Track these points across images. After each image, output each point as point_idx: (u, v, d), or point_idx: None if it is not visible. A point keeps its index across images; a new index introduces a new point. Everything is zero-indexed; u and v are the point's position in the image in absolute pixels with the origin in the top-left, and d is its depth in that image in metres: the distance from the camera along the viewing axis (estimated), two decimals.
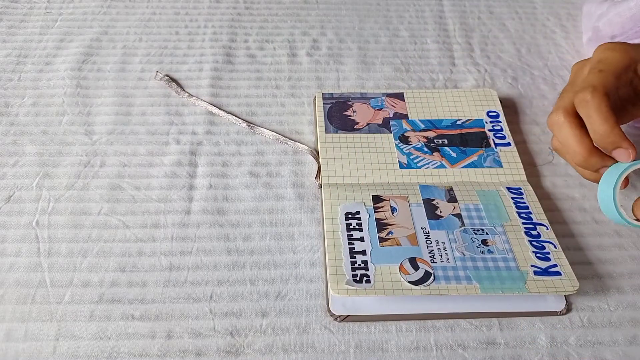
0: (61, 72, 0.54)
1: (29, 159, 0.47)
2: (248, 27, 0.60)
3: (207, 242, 0.42)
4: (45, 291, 0.39)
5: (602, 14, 0.53)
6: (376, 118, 0.50)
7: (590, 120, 0.38)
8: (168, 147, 0.48)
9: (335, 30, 0.60)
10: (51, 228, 0.42)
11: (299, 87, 0.54)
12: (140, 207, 0.44)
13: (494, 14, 0.63)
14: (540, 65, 0.57)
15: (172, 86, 0.53)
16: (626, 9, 0.50)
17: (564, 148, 0.40)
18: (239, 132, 0.50)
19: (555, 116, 0.40)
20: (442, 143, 0.48)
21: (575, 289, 0.37)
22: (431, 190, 0.44)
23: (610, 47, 0.41)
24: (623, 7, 0.50)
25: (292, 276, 0.40)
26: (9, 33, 0.58)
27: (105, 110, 0.51)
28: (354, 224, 0.41)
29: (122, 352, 0.36)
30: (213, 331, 0.37)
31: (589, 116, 0.38)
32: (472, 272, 0.38)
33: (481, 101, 0.51)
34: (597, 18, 0.54)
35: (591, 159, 0.39)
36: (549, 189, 0.46)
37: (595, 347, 0.37)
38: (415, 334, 0.37)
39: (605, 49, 0.41)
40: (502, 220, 0.42)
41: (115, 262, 0.40)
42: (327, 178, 0.45)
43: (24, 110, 0.50)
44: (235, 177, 0.46)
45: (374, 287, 0.37)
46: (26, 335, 0.36)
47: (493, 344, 0.37)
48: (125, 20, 0.60)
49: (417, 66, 0.57)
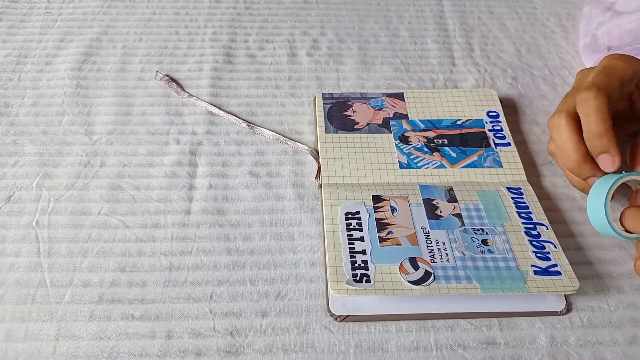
0: (61, 72, 0.54)
1: (29, 159, 0.47)
2: (248, 27, 0.60)
3: (207, 242, 0.42)
4: (45, 291, 0.39)
5: (602, 22, 0.53)
6: (376, 118, 0.50)
7: (588, 119, 0.37)
8: (168, 147, 0.48)
9: (335, 30, 0.60)
10: (51, 228, 0.42)
11: (299, 87, 0.54)
12: (140, 207, 0.44)
13: (494, 14, 0.63)
14: (540, 65, 0.57)
15: (172, 86, 0.53)
16: (626, 22, 0.50)
17: (560, 151, 0.40)
18: (239, 132, 0.50)
19: (557, 118, 0.40)
20: (442, 143, 0.48)
21: (576, 289, 0.37)
22: (431, 190, 0.44)
23: (617, 57, 0.41)
24: (624, 19, 0.50)
25: (292, 276, 0.40)
26: (9, 33, 0.58)
27: (105, 110, 0.51)
28: (354, 224, 0.41)
29: (122, 352, 0.36)
30: (213, 331, 0.37)
31: (588, 115, 0.37)
32: (472, 272, 0.38)
33: (481, 101, 0.51)
34: (597, 25, 0.53)
35: (584, 166, 0.38)
36: (549, 189, 0.46)
37: (595, 347, 0.37)
38: (415, 334, 0.37)
39: (612, 58, 0.41)
40: (502, 220, 0.42)
41: (115, 262, 0.40)
42: (327, 178, 0.45)
43: (24, 110, 0.50)
44: (235, 177, 0.46)
45: (374, 287, 0.37)
46: (26, 335, 0.36)
47: (493, 344, 0.37)
48: (125, 20, 0.60)
49: (417, 66, 0.57)
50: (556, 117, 0.40)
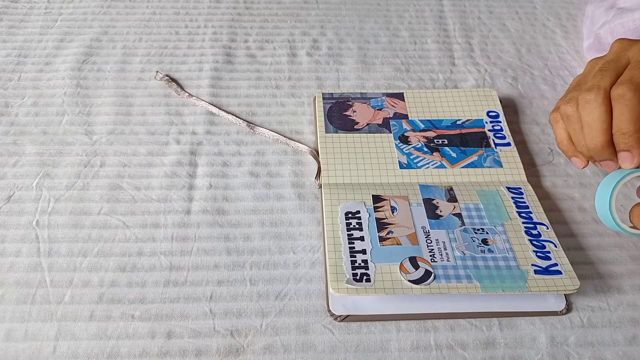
0: (61, 72, 0.54)
1: (29, 159, 0.47)
2: (248, 27, 0.60)
3: (207, 242, 0.42)
4: (45, 291, 0.39)
5: (606, 21, 0.52)
6: (376, 118, 0.50)
7: (621, 117, 0.37)
8: (168, 147, 0.48)
9: (335, 30, 0.60)
10: (51, 228, 0.42)
11: (299, 87, 0.54)
12: (140, 207, 0.44)
13: (494, 14, 0.63)
14: (540, 65, 0.57)
15: (172, 86, 0.53)
16: (630, 21, 0.49)
17: (586, 127, 0.39)
18: (239, 132, 0.50)
19: (594, 93, 0.38)
20: (442, 143, 0.48)
21: (576, 288, 0.37)
22: (431, 190, 0.44)
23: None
24: (627, 17, 0.50)
25: (292, 276, 0.40)
26: (9, 33, 0.58)
27: (105, 110, 0.51)
28: (354, 224, 0.41)
29: (122, 352, 0.36)
30: (213, 331, 0.37)
31: (622, 113, 0.37)
32: (473, 271, 0.38)
33: (481, 101, 0.51)
34: (600, 25, 0.53)
35: (605, 150, 0.38)
36: (549, 189, 0.46)
37: (595, 347, 0.37)
38: (415, 334, 0.37)
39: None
40: (503, 219, 0.42)
41: (115, 262, 0.40)
42: (327, 178, 0.45)
43: (24, 110, 0.50)
44: (235, 177, 0.46)
45: (374, 286, 0.37)
46: (26, 335, 0.36)
47: (493, 344, 0.37)
48: (125, 20, 0.60)
49: (417, 66, 0.57)
50: (594, 92, 0.38)
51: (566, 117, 0.41)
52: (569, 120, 0.41)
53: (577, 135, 0.41)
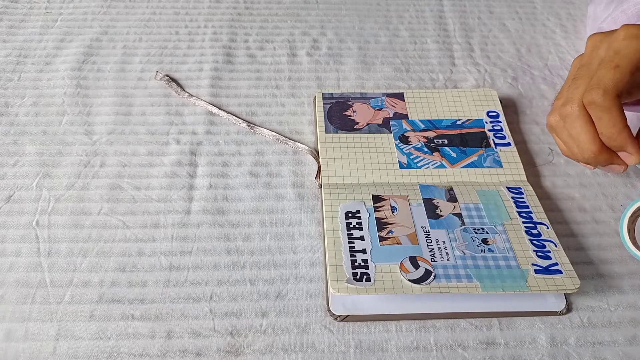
0: (61, 72, 0.54)
1: (29, 159, 0.47)
2: (248, 27, 0.60)
3: (207, 242, 0.42)
4: (45, 291, 0.39)
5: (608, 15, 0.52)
6: (376, 118, 0.50)
7: (600, 122, 0.37)
8: (168, 147, 0.48)
9: (335, 30, 0.60)
10: (51, 228, 0.42)
11: (299, 87, 0.54)
12: (140, 207, 0.44)
13: (494, 14, 0.63)
14: (540, 65, 0.57)
15: (172, 86, 0.53)
16: (632, 5, 0.48)
17: (574, 142, 0.39)
18: (239, 132, 0.50)
19: (569, 107, 0.38)
20: (442, 143, 0.48)
21: (577, 287, 0.37)
22: (431, 190, 0.44)
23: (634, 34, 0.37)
24: (628, 3, 0.48)
25: (292, 276, 0.40)
26: (9, 33, 0.58)
27: (105, 110, 0.51)
28: (354, 223, 0.41)
29: (122, 352, 0.36)
30: (213, 331, 0.37)
31: (600, 118, 0.36)
32: (473, 271, 0.38)
33: (481, 101, 0.51)
34: (602, 20, 0.53)
35: (601, 156, 0.38)
36: (549, 189, 0.46)
37: (595, 347, 0.37)
38: (415, 333, 0.37)
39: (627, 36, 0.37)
40: (503, 219, 0.42)
41: (115, 262, 0.40)
42: (327, 178, 0.45)
43: (24, 110, 0.50)
44: (235, 177, 0.46)
45: (375, 286, 0.37)
46: (26, 335, 0.36)
47: (493, 344, 0.37)
48: (125, 20, 0.60)
49: (417, 66, 0.57)
50: (568, 106, 0.38)
51: (553, 129, 0.41)
52: (557, 131, 0.41)
53: (569, 146, 0.40)
